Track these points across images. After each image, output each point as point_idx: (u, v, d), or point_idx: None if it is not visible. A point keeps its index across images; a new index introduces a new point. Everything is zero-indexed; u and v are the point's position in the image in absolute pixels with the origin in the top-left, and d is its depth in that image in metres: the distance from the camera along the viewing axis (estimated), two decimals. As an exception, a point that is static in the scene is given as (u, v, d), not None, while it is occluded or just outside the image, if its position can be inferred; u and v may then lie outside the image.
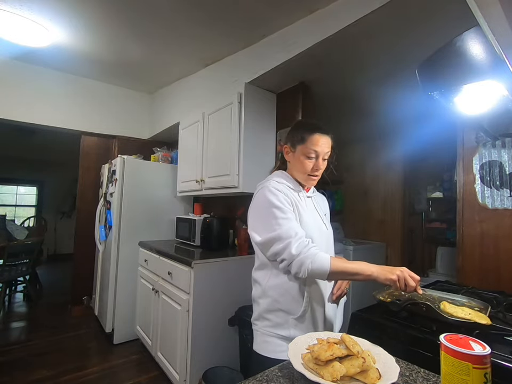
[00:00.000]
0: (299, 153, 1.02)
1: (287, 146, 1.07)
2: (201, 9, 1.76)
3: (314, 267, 0.87)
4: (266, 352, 0.96)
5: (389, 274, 0.83)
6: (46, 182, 6.39)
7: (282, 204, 0.95)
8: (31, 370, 2.11)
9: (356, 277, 0.89)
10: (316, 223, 1.05)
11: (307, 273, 0.88)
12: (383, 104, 2.37)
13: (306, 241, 0.91)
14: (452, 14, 1.27)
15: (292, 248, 0.89)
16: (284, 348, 0.91)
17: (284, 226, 0.92)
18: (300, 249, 0.89)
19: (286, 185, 1.03)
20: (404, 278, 0.83)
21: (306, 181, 1.06)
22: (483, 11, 0.54)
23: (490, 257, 1.46)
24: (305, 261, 0.88)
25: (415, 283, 0.83)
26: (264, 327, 0.98)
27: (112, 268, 2.55)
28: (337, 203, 3.49)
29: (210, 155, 2.24)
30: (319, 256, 0.88)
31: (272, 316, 0.97)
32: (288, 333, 0.94)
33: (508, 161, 1.42)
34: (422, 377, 0.64)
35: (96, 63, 2.66)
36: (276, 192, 0.96)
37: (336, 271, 0.88)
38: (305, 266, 0.87)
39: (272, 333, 0.96)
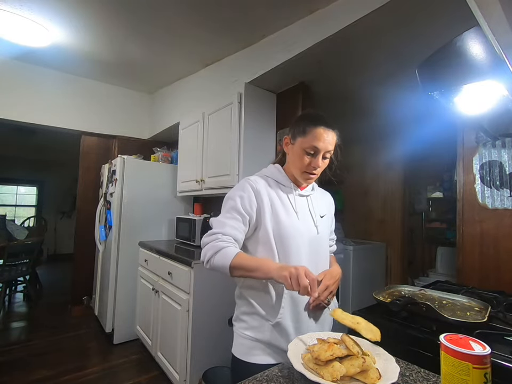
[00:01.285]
0: (298, 146, 0.93)
1: (287, 137, 0.99)
2: (201, 10, 1.75)
3: (216, 259, 0.84)
4: (241, 354, 0.91)
5: (283, 271, 0.77)
6: (46, 182, 6.39)
7: (240, 201, 0.91)
8: (31, 370, 2.11)
9: (256, 273, 0.83)
10: (302, 226, 0.95)
11: (209, 265, 0.86)
12: (383, 104, 2.37)
13: (220, 236, 0.87)
14: (452, 14, 1.27)
15: (207, 237, 0.89)
16: (257, 352, 0.89)
17: (221, 218, 0.92)
18: (210, 240, 0.88)
19: (274, 181, 0.98)
20: (296, 275, 0.74)
21: (301, 178, 0.97)
22: (483, 11, 0.54)
23: (490, 257, 1.46)
24: (209, 251, 0.86)
25: (307, 282, 0.74)
26: (240, 329, 0.94)
27: (112, 268, 2.55)
28: (337, 203, 3.47)
29: (210, 155, 2.24)
30: (224, 250, 0.84)
31: (248, 318, 0.93)
32: (262, 336, 0.90)
33: (507, 161, 1.42)
34: (422, 377, 0.64)
35: (96, 63, 2.66)
36: (242, 195, 0.92)
37: (237, 267, 0.83)
38: (208, 256, 0.85)
39: (246, 335, 0.92)
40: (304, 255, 0.93)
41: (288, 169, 1.02)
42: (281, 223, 0.91)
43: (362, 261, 2.76)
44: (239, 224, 0.90)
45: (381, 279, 3.06)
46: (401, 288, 1.20)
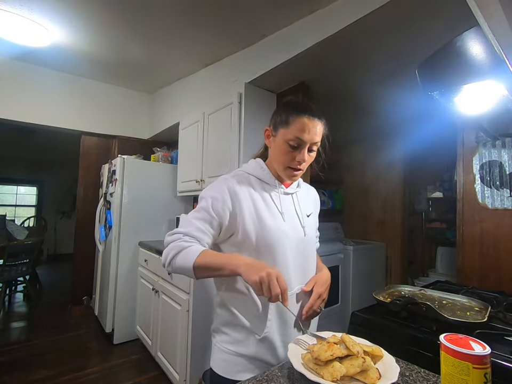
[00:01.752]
0: (280, 139, 0.82)
1: (268, 128, 0.88)
2: (201, 10, 1.75)
3: (178, 260, 0.76)
4: (223, 371, 0.81)
5: (253, 275, 0.68)
6: (46, 182, 6.39)
7: (212, 208, 0.81)
8: (31, 370, 2.11)
9: (222, 272, 0.74)
10: (288, 228, 0.85)
11: (171, 267, 0.77)
12: (383, 104, 2.37)
13: (182, 235, 0.79)
14: (452, 14, 1.27)
15: (167, 236, 0.81)
16: (242, 368, 0.80)
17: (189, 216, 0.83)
18: (172, 239, 0.79)
19: (255, 179, 0.88)
20: (268, 282, 0.67)
21: (284, 174, 0.86)
22: (483, 11, 0.54)
23: (490, 257, 1.46)
24: (171, 251, 0.76)
25: (279, 291, 0.68)
26: (221, 343, 0.84)
27: (112, 268, 2.55)
28: (337, 203, 3.48)
29: (210, 155, 2.24)
30: (188, 249, 0.75)
31: (230, 331, 0.83)
32: (247, 350, 0.80)
33: (507, 161, 1.42)
34: (422, 377, 0.64)
35: (96, 63, 2.66)
36: (215, 196, 0.82)
37: (201, 266, 0.74)
38: (169, 257, 0.76)
39: (229, 350, 0.82)
40: (291, 259, 0.84)
41: (271, 165, 0.90)
42: (266, 227, 0.82)
43: (362, 261, 2.76)
44: (206, 226, 0.81)
45: (381, 279, 3.06)
46: (401, 288, 1.20)
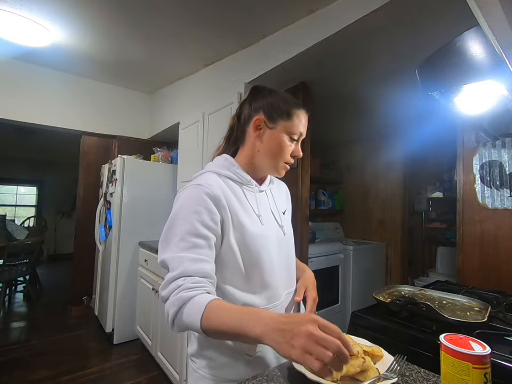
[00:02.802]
0: (281, 132, 0.75)
1: (262, 118, 0.75)
2: (201, 9, 1.76)
3: (183, 319, 0.57)
4: None
5: (289, 348, 0.45)
6: (46, 182, 6.39)
7: (202, 225, 0.66)
8: (31, 370, 2.11)
9: (242, 340, 0.55)
10: (268, 232, 0.76)
11: (176, 325, 0.59)
12: (383, 104, 2.37)
13: (186, 282, 0.60)
14: (452, 14, 1.27)
15: (163, 288, 0.62)
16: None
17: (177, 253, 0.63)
18: (169, 292, 0.60)
19: (226, 178, 0.76)
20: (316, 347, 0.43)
21: (278, 170, 0.79)
22: (483, 11, 0.54)
23: (490, 257, 1.46)
24: (171, 309, 0.59)
25: (337, 341, 0.44)
26: (204, 368, 0.71)
27: (112, 267, 2.55)
28: (337, 203, 3.48)
29: (210, 155, 2.23)
30: (190, 304, 0.57)
31: (215, 354, 0.70)
32: (236, 374, 0.69)
33: (508, 161, 1.42)
34: (422, 377, 0.64)
35: (96, 63, 2.66)
36: (198, 210, 0.67)
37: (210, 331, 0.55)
38: (171, 317, 0.59)
39: (214, 377, 0.70)
40: (276, 264, 0.76)
41: (242, 161, 0.80)
42: (247, 233, 0.71)
43: (362, 261, 2.76)
44: (204, 251, 0.65)
45: (381, 279, 3.06)
46: (401, 288, 1.21)
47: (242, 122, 0.81)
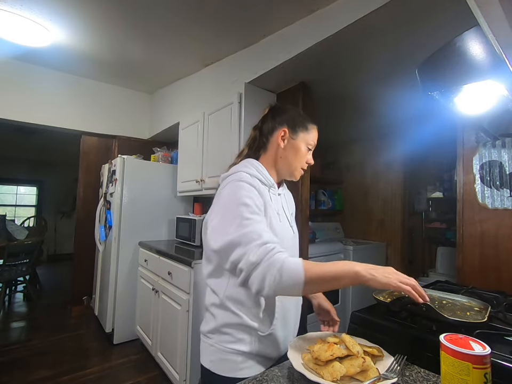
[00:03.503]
0: (301, 142, 0.90)
1: (286, 130, 0.90)
2: (201, 9, 1.75)
3: (284, 278, 0.64)
4: (224, 371, 0.79)
5: (391, 280, 0.65)
6: (46, 182, 6.39)
7: (253, 202, 0.76)
8: (31, 370, 2.11)
9: (340, 282, 0.68)
10: (284, 229, 0.89)
11: (273, 289, 0.65)
12: (383, 104, 2.37)
13: (271, 246, 0.69)
14: (452, 14, 1.27)
15: (251, 255, 0.67)
16: (244, 365, 0.80)
17: (246, 228, 0.71)
18: (261, 255, 0.67)
19: (258, 180, 0.85)
20: (405, 280, 0.67)
21: (295, 174, 0.93)
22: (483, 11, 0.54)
23: (490, 257, 1.46)
24: (269, 270, 0.65)
25: (413, 283, 0.67)
26: (222, 343, 0.81)
27: (112, 267, 2.55)
28: (337, 203, 3.48)
29: (210, 155, 2.24)
30: (288, 262, 0.66)
31: (233, 331, 0.81)
32: (251, 348, 0.80)
33: (507, 161, 1.42)
34: (422, 377, 0.65)
35: (96, 63, 2.66)
36: (248, 188, 0.78)
37: (313, 280, 0.65)
38: (270, 279, 0.65)
39: (231, 349, 0.80)
40: None
41: (268, 165, 0.91)
42: (272, 225, 0.82)
43: (362, 261, 2.73)
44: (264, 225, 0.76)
45: (381, 279, 3.05)
46: None
47: (265, 133, 0.94)
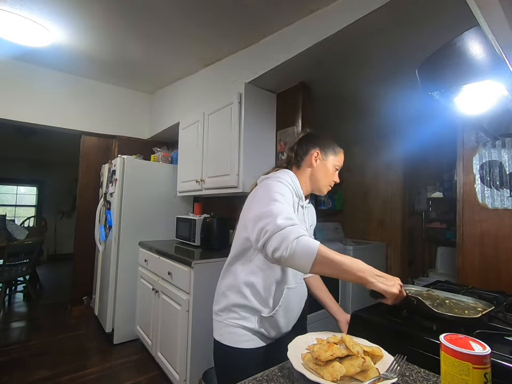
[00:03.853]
0: (330, 163, 1.08)
1: (319, 152, 1.07)
2: (201, 9, 1.76)
3: (299, 246, 0.73)
4: (231, 342, 0.96)
5: (391, 288, 0.75)
6: (46, 182, 6.39)
7: (286, 195, 0.90)
8: (31, 370, 2.11)
9: (347, 276, 0.76)
10: None
11: (288, 252, 0.73)
12: (383, 104, 2.37)
13: (297, 222, 0.80)
14: (452, 14, 1.27)
15: (278, 219, 0.78)
16: (248, 337, 0.96)
17: (278, 204, 0.83)
18: (287, 222, 0.77)
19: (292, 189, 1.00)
20: (400, 292, 0.78)
21: (323, 189, 1.10)
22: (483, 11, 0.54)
23: (490, 257, 1.46)
24: (289, 235, 0.74)
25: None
26: (230, 319, 0.98)
27: (112, 268, 2.55)
28: (337, 203, 3.48)
29: (210, 155, 2.24)
30: (306, 237, 0.76)
31: (239, 310, 0.97)
32: (253, 325, 0.96)
33: (507, 161, 1.42)
34: (422, 377, 0.64)
35: (96, 63, 2.66)
36: (284, 186, 0.92)
37: (325, 261, 0.74)
38: (288, 241, 0.73)
39: (237, 324, 0.96)
40: None
41: (301, 180, 1.07)
42: None
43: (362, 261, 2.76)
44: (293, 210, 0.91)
45: (381, 279, 3.06)
46: (408, 288, 1.19)
47: (300, 153, 1.09)
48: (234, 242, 1.03)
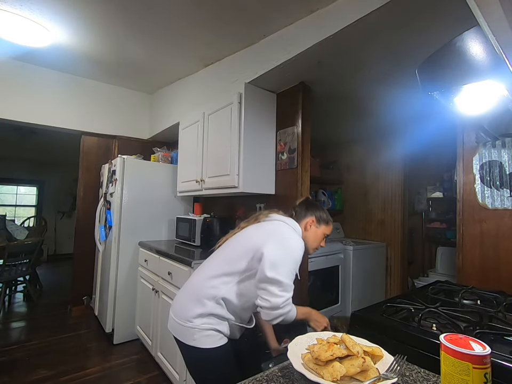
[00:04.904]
0: (321, 231, 1.26)
1: (314, 220, 1.26)
2: (201, 9, 1.75)
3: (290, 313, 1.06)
4: (207, 344, 1.05)
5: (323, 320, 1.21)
6: (46, 182, 6.39)
7: (299, 263, 1.10)
8: (31, 370, 2.11)
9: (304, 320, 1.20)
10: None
11: (285, 315, 1.05)
12: (383, 104, 2.37)
13: (290, 300, 1.06)
14: (452, 14, 1.27)
15: (281, 301, 1.02)
16: (221, 335, 1.08)
17: (291, 281, 1.06)
18: (288, 308, 1.05)
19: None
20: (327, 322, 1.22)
21: (310, 250, 1.26)
22: (483, 11, 0.54)
23: (490, 257, 1.46)
24: (283, 317, 1.04)
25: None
26: (205, 324, 1.05)
27: (112, 267, 2.55)
28: (337, 203, 3.48)
29: (210, 155, 2.24)
30: (292, 312, 1.07)
31: (215, 317, 1.07)
32: (225, 330, 1.09)
33: (508, 161, 1.42)
34: (422, 377, 0.65)
35: (96, 63, 2.66)
36: (301, 252, 1.12)
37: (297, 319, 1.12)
38: (279, 319, 1.04)
39: (212, 328, 1.06)
40: None
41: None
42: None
43: (362, 261, 2.76)
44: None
45: (381, 279, 3.06)
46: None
47: (299, 215, 1.27)
48: (232, 259, 1.12)
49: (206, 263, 1.21)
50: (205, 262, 1.22)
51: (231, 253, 1.15)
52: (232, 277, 1.08)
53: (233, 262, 1.10)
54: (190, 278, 1.22)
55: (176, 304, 1.15)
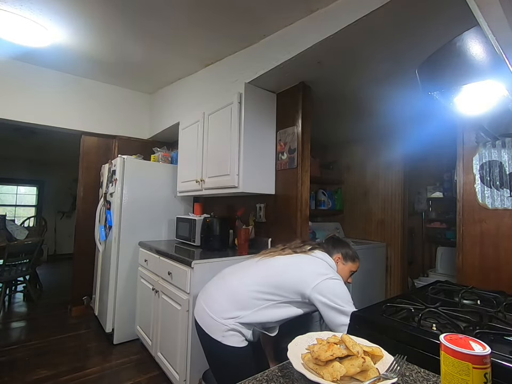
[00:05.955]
0: (348, 267, 1.36)
1: (340, 257, 1.36)
2: (201, 9, 1.75)
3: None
4: (232, 343, 1.18)
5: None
6: (46, 182, 6.39)
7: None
8: (31, 370, 2.11)
9: None
10: None
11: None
12: (383, 104, 2.37)
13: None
14: (452, 14, 1.27)
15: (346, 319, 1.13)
16: (243, 338, 1.21)
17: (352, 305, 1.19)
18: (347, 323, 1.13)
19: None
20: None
21: None
22: (483, 11, 0.54)
23: (490, 257, 1.46)
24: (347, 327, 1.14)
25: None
26: (233, 325, 1.18)
27: (112, 267, 2.55)
28: (337, 203, 3.48)
29: (210, 155, 2.24)
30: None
31: (244, 326, 1.20)
32: (248, 334, 1.22)
33: (508, 161, 1.42)
34: (422, 377, 0.65)
35: (96, 63, 2.66)
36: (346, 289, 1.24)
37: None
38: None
39: (238, 330, 1.18)
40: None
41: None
42: None
43: (362, 261, 2.72)
44: None
45: (381, 279, 3.06)
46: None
47: (328, 250, 1.37)
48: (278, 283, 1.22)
49: (244, 269, 1.32)
50: (241, 268, 1.34)
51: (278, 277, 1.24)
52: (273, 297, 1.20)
53: (279, 288, 1.21)
54: (225, 278, 1.32)
55: (210, 298, 1.26)
